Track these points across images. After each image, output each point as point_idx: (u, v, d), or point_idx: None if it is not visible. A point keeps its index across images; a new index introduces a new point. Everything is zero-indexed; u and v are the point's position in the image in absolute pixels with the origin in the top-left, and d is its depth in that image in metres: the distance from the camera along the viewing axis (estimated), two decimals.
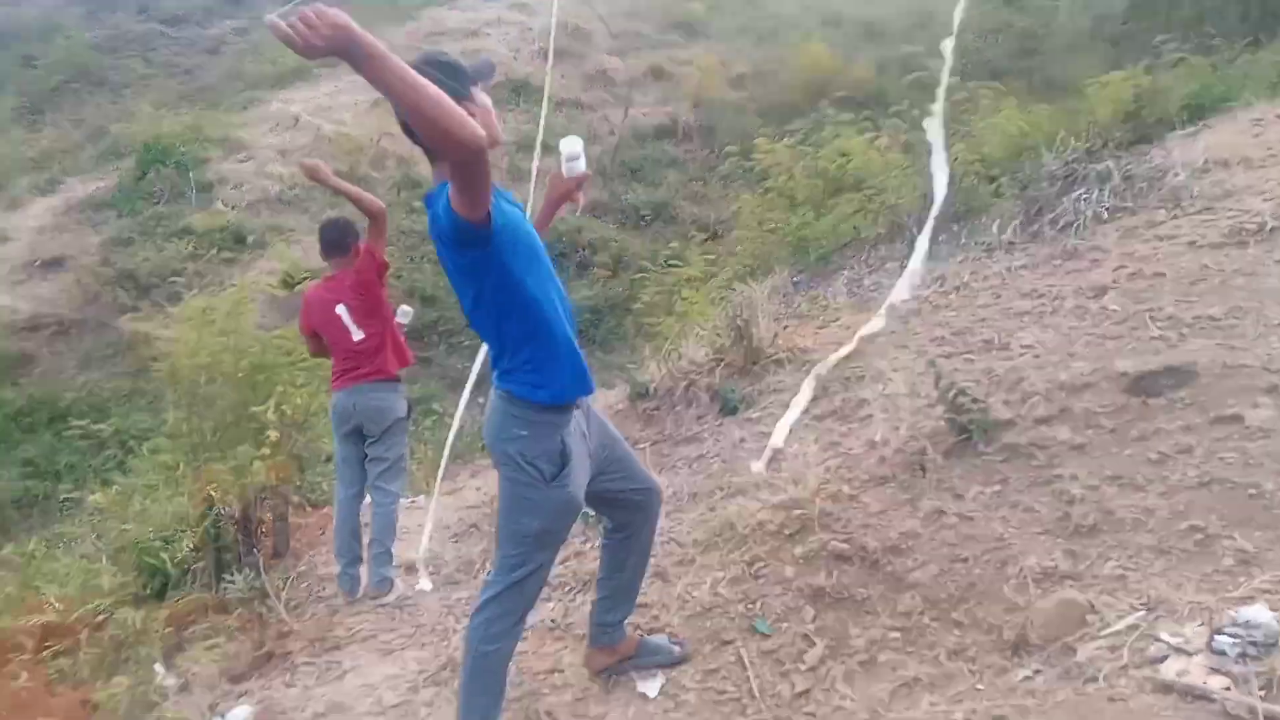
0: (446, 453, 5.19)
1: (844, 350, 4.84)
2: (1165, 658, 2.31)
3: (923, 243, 5.86)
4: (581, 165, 2.80)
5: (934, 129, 6.86)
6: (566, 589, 3.82)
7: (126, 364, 11.95)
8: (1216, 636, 2.26)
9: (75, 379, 12.40)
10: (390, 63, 1.90)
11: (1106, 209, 5.66)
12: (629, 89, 20.24)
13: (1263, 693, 2.07)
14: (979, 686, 2.57)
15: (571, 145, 2.80)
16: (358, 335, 4.40)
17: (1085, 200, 5.85)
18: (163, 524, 5.17)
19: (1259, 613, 2.25)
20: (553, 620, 3.58)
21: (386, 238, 4.61)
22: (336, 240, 4.45)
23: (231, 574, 4.67)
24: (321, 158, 16.29)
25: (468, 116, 2.00)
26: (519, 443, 2.51)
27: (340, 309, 4.42)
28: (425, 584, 4.39)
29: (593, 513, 3.48)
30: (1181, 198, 5.33)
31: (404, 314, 4.79)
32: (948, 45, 7.13)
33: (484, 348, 2.75)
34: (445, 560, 4.66)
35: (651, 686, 3.03)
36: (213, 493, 4.96)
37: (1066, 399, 3.57)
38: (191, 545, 4.92)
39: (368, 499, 4.55)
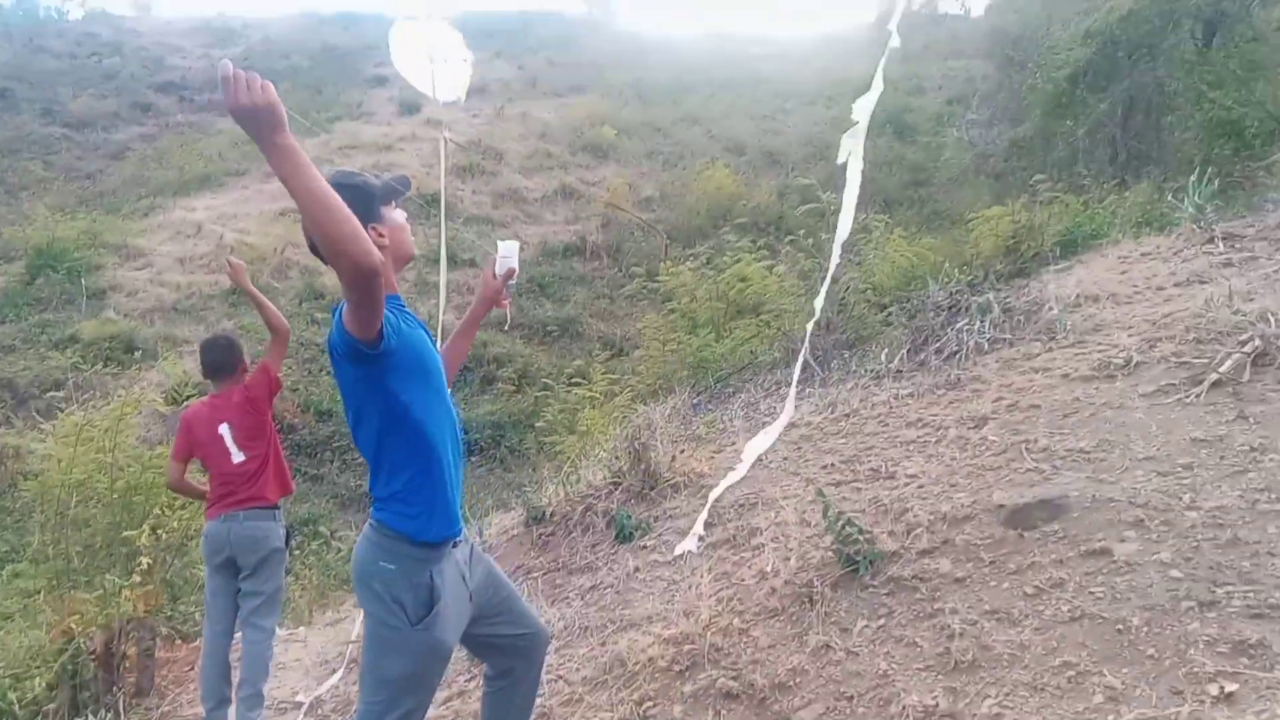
0: None
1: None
2: None
3: (790, 400, 5.83)
4: (512, 262, 2.89)
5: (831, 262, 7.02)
6: None
7: None
8: None
9: None
10: (303, 165, 1.92)
11: (987, 340, 5.92)
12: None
13: None
14: None
15: (508, 246, 2.92)
16: (238, 457, 4.25)
17: (968, 331, 6.12)
18: (15, 659, 4.79)
19: None
20: None
21: (284, 355, 4.52)
22: (220, 362, 4.35)
23: (87, 716, 4.33)
24: (222, 267, 16.07)
25: (364, 237, 1.99)
26: (385, 577, 2.37)
27: (224, 428, 4.29)
28: None
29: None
30: (1056, 331, 5.62)
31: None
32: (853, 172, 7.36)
33: None
34: (322, 699, 4.42)
35: None
36: (73, 624, 4.64)
37: (948, 530, 3.64)
38: (46, 683, 4.56)
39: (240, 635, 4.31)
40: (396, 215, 2.48)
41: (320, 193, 1.92)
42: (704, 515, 4.48)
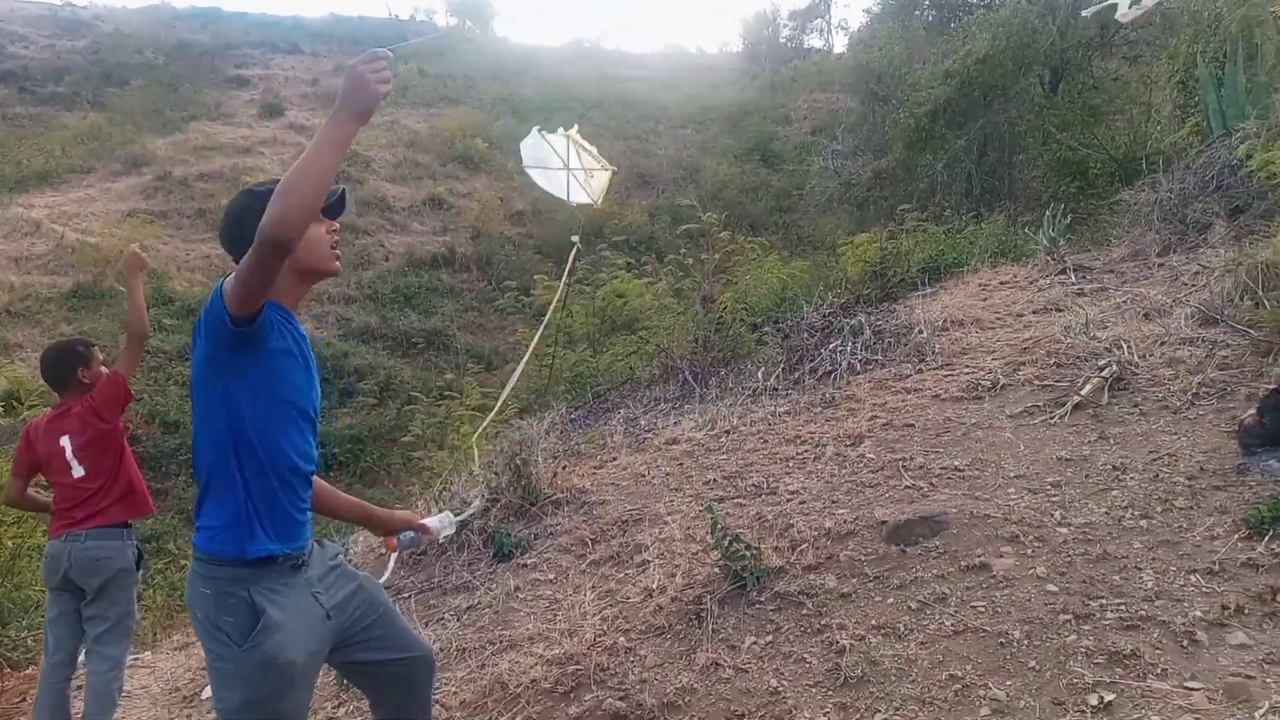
0: None
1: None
2: None
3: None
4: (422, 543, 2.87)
5: None
6: None
7: None
8: None
9: None
10: (338, 150, 2.01)
11: (860, 360, 6.08)
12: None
13: None
14: None
15: (443, 524, 2.89)
16: (78, 472, 3.91)
17: (841, 351, 6.27)
18: None
19: None
20: None
21: (138, 361, 4.19)
22: (52, 373, 4.03)
23: None
24: (62, 268, 14.93)
25: (310, 220, 1.97)
26: (203, 602, 2.18)
27: (64, 440, 3.95)
28: None
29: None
30: (925, 353, 5.82)
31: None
32: None
33: None
34: None
35: None
36: None
37: (832, 546, 3.68)
38: None
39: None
40: (317, 230, 2.29)
41: (328, 170, 1.97)
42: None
